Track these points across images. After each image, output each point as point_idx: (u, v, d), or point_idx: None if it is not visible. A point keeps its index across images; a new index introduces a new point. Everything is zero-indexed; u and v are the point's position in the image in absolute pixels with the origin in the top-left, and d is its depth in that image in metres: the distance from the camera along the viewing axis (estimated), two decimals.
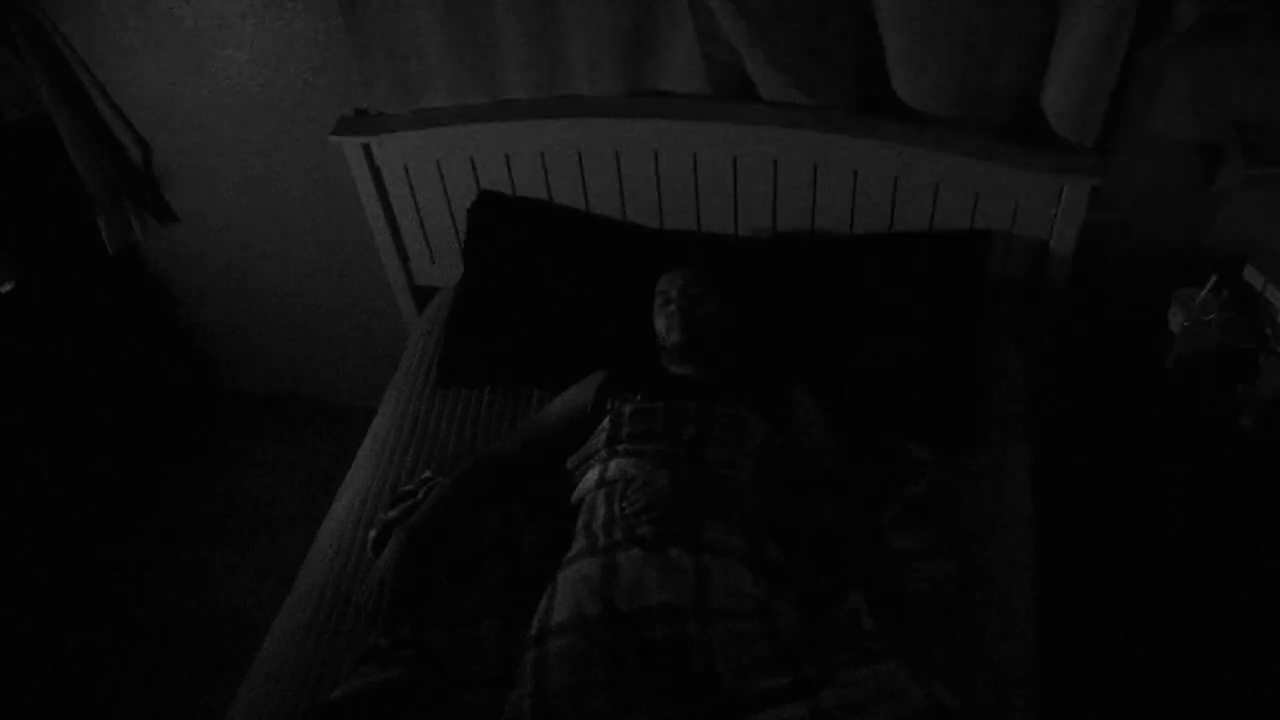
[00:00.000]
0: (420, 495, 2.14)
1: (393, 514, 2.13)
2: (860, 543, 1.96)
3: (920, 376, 2.22)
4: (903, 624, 1.84)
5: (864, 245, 2.39)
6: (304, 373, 3.47)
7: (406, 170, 2.59)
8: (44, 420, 3.10)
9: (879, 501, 2.05)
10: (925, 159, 2.25)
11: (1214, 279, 2.23)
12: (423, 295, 2.89)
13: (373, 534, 2.11)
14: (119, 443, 3.38)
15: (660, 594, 1.70)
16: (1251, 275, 2.27)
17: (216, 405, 3.57)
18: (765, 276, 2.37)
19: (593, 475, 1.98)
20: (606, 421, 2.08)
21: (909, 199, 2.33)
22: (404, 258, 2.81)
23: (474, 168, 2.56)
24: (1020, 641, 1.87)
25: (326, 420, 3.42)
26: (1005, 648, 1.85)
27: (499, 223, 2.55)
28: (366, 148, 2.55)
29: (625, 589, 1.72)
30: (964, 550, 1.97)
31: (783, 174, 2.38)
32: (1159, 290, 2.32)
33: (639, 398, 2.09)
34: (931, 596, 1.90)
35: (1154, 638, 2.46)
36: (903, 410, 2.21)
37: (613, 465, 1.96)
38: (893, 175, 2.30)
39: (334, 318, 3.25)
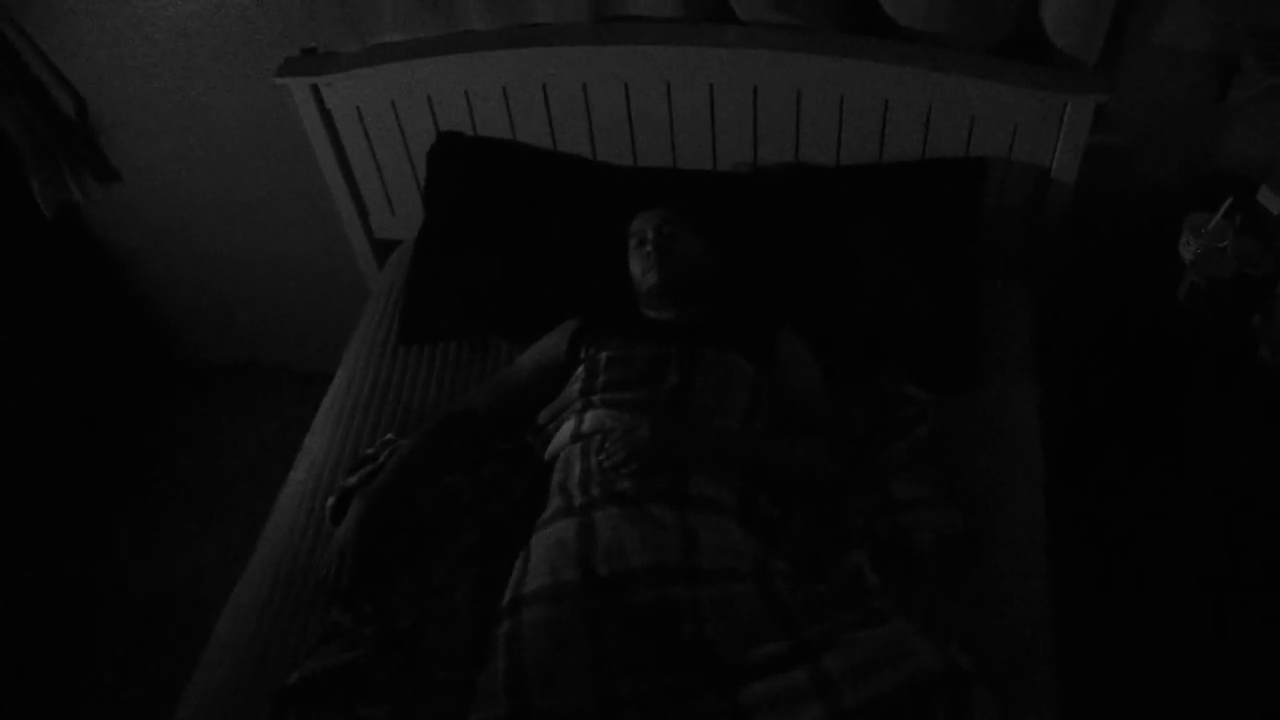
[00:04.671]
0: (382, 459, 2.03)
1: (353, 480, 2.01)
2: (860, 493, 1.85)
3: (915, 314, 2.13)
4: (908, 580, 1.74)
5: (851, 177, 2.28)
6: (262, 338, 3.34)
7: (359, 113, 2.45)
8: None
9: (878, 448, 1.94)
10: (916, 80, 2.13)
11: (1228, 202, 2.13)
12: (383, 250, 2.75)
13: (331, 502, 2.00)
14: (69, 418, 3.25)
15: (642, 555, 1.60)
16: (1266, 198, 2.17)
17: (171, 376, 3.44)
18: (746, 213, 2.27)
19: (568, 429, 1.87)
20: (581, 370, 1.97)
21: (899, 125, 2.23)
22: (362, 210, 2.67)
23: (432, 108, 2.42)
24: (1035, 596, 1.77)
25: (288, 387, 3.29)
26: (1019, 603, 1.75)
27: (460, 166, 2.42)
28: (315, 89, 2.40)
29: (604, 551, 1.61)
30: (970, 498, 1.87)
31: (763, 102, 2.26)
32: (1169, 216, 2.23)
33: (616, 344, 1.98)
34: (937, 549, 1.79)
35: (1176, 586, 2.38)
36: (898, 350, 2.11)
37: (589, 417, 1.85)
38: (882, 99, 2.19)
39: (291, 278, 3.11)
